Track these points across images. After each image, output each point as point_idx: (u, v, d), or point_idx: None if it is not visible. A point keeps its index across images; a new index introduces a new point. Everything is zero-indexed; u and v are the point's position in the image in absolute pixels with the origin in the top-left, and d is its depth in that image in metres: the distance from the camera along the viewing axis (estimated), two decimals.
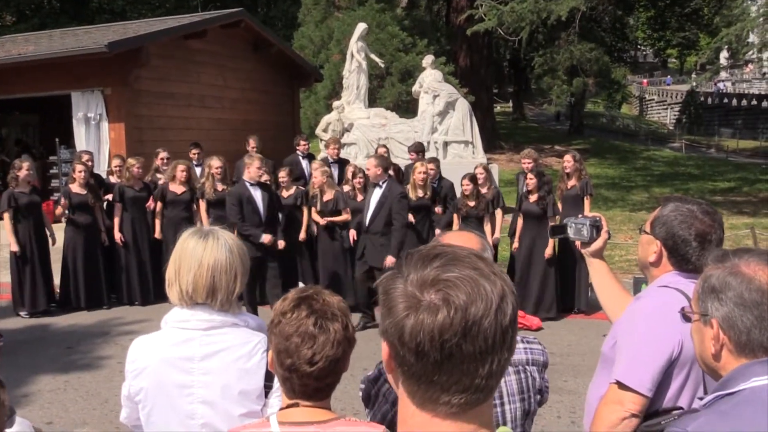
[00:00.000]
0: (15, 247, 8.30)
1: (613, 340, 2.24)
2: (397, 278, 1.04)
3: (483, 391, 1.03)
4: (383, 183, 7.58)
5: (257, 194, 7.71)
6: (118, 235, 8.82)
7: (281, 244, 7.84)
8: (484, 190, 8.49)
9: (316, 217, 8.62)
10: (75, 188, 8.66)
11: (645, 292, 2.27)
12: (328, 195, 8.49)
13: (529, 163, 8.71)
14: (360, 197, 8.37)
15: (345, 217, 8.37)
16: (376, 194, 7.59)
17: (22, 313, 8.44)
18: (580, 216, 2.69)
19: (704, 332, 1.65)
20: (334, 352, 1.69)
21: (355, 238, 8.15)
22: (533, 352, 2.09)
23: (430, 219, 8.56)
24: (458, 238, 1.97)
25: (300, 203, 8.81)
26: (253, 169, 7.70)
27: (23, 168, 8.40)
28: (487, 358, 1.00)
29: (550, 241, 7.82)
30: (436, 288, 1.00)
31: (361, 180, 8.46)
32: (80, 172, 8.65)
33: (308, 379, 1.69)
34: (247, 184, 7.69)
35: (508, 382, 2.00)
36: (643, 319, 2.13)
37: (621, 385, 2.08)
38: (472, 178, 8.27)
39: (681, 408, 2.08)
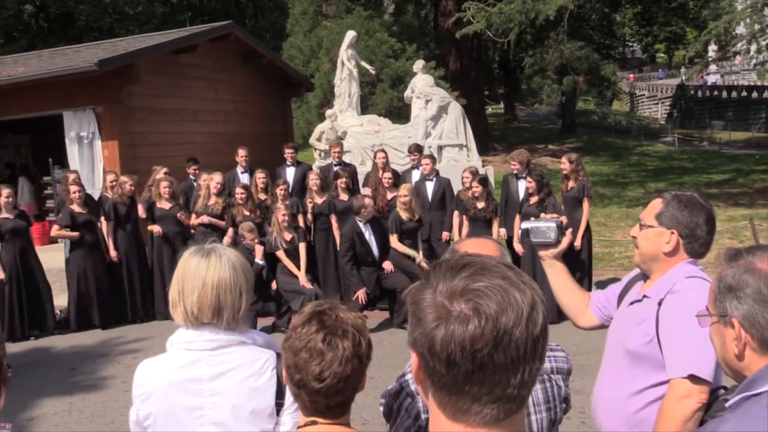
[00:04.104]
0: (1, 275, 8.16)
1: (646, 338, 2.26)
2: (426, 289, 1.03)
3: (515, 401, 1.01)
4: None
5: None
6: (114, 253, 8.76)
7: None
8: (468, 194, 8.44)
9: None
10: (76, 208, 8.61)
11: (677, 284, 2.28)
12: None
13: (516, 166, 8.63)
14: (344, 196, 8.55)
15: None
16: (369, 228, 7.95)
17: (31, 338, 8.36)
18: (540, 218, 2.69)
19: (725, 333, 1.62)
20: (342, 369, 1.64)
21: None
22: (557, 360, 2.05)
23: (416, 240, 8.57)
24: (475, 245, 1.93)
25: (296, 212, 8.84)
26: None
27: (2, 194, 8.20)
28: (519, 368, 0.99)
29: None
30: (465, 298, 0.99)
31: (345, 181, 8.75)
32: (75, 192, 8.59)
33: (317, 396, 1.65)
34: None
35: (534, 391, 1.97)
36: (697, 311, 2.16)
37: (694, 378, 2.11)
38: (482, 180, 8.22)
39: (725, 387, 2.12)
